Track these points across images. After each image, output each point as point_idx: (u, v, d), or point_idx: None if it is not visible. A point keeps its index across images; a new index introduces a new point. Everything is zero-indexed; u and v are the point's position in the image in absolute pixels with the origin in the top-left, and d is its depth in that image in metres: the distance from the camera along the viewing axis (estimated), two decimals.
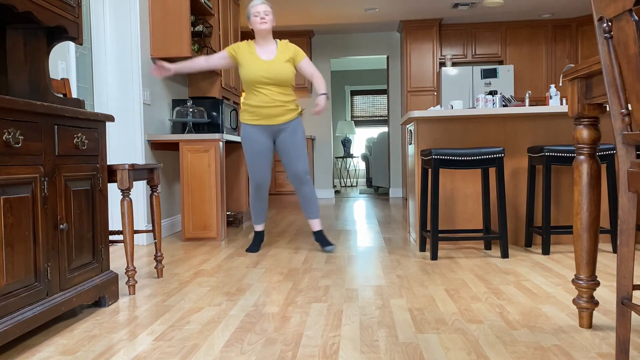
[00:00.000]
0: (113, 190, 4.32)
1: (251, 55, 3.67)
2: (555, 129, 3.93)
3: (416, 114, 3.85)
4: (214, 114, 5.07)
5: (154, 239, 3.05)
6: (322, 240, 3.88)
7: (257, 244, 3.96)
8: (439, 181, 3.78)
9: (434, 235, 3.45)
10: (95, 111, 3.06)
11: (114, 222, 4.33)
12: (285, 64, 3.65)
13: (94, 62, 4.27)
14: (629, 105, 1.53)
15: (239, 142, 5.60)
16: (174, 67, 3.68)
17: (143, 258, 3.75)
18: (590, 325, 2.06)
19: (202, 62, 3.74)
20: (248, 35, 8.38)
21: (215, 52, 5.36)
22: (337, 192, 10.33)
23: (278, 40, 3.78)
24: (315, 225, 3.89)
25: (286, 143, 3.75)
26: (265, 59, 3.65)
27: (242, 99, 3.78)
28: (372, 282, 2.90)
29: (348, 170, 12.09)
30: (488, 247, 3.75)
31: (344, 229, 5.09)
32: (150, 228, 4.41)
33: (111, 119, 2.55)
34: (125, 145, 4.33)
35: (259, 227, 4.01)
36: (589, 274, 2.03)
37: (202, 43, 5.45)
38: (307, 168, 3.78)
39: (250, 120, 3.73)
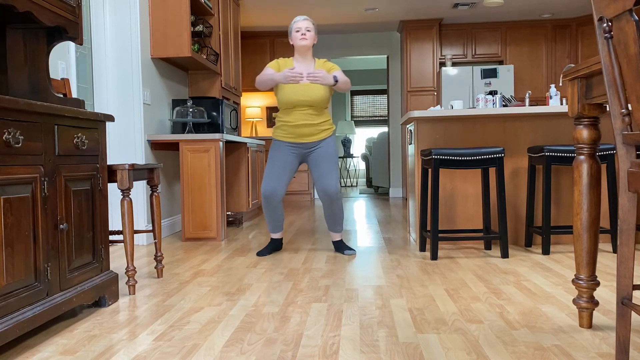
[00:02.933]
0: (113, 190, 4.32)
1: None
2: (555, 129, 3.93)
3: (416, 114, 3.85)
4: (214, 114, 5.07)
5: (154, 239, 3.05)
6: (343, 246, 3.82)
7: (267, 249, 3.85)
8: (439, 181, 3.78)
9: (434, 235, 3.45)
10: (95, 111, 3.06)
11: (114, 222, 4.33)
12: (322, 86, 3.59)
13: (94, 62, 4.27)
14: (629, 105, 1.53)
15: (239, 142, 5.60)
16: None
17: (143, 258, 3.75)
18: (590, 325, 2.06)
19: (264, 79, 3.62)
20: (248, 35, 8.38)
21: (215, 51, 5.36)
22: None
23: (316, 59, 3.72)
24: (336, 237, 3.85)
25: (317, 157, 3.69)
26: (303, 81, 3.59)
27: (276, 116, 3.77)
28: (372, 282, 2.90)
29: (348, 170, 12.10)
30: (488, 247, 3.75)
31: (344, 229, 5.09)
32: (150, 228, 4.41)
33: (111, 119, 2.55)
34: (125, 145, 4.33)
35: (274, 235, 3.91)
36: (589, 274, 2.03)
37: (202, 43, 5.45)
38: (338, 185, 3.68)
39: (282, 137, 3.69)
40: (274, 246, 3.90)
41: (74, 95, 3.67)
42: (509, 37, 7.97)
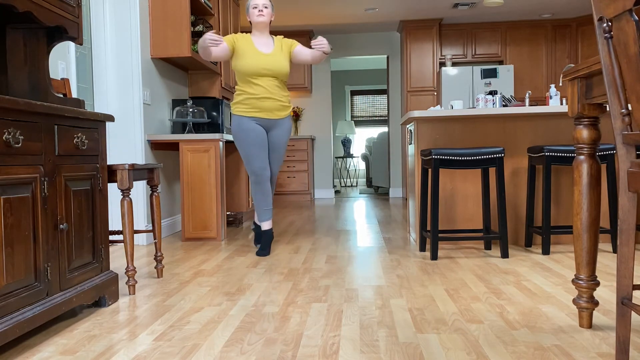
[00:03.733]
0: (113, 190, 4.32)
1: (250, 47, 3.63)
2: (555, 129, 3.93)
3: (416, 114, 3.85)
4: (214, 114, 5.07)
5: (154, 239, 3.05)
6: (266, 242, 3.74)
7: (265, 245, 3.74)
8: (439, 181, 3.78)
9: (434, 235, 3.45)
10: (95, 111, 3.06)
11: (114, 222, 4.33)
12: (283, 57, 3.66)
13: (94, 62, 4.27)
14: (629, 105, 1.53)
15: None
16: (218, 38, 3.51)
17: (143, 258, 3.75)
18: (590, 325, 2.06)
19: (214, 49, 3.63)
20: None
21: None
22: (337, 192, 10.33)
23: (274, 36, 3.77)
24: (266, 224, 3.80)
25: (275, 142, 3.78)
26: (265, 52, 3.64)
27: (237, 88, 3.71)
28: (372, 282, 2.90)
29: (348, 170, 12.10)
30: (488, 247, 3.75)
31: (344, 229, 5.09)
32: (150, 228, 4.41)
33: (111, 119, 2.55)
34: (125, 145, 4.33)
35: (265, 225, 3.78)
36: (589, 274, 2.03)
37: None
38: (278, 170, 3.89)
39: (245, 112, 3.66)
40: (269, 238, 3.78)
41: (74, 95, 3.67)
42: (509, 37, 7.97)
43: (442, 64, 8.11)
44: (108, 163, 4.17)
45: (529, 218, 3.79)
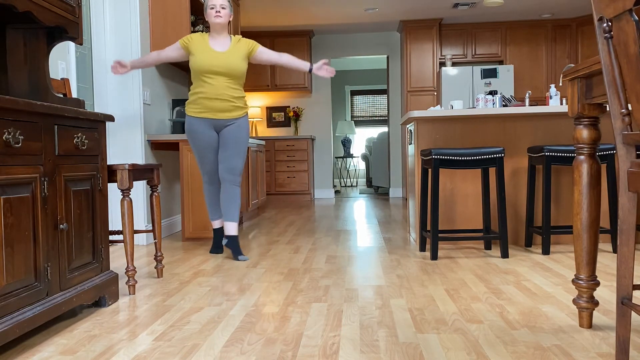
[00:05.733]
0: (113, 190, 4.32)
1: (204, 46, 3.57)
2: (555, 129, 3.93)
3: (416, 114, 3.85)
4: None
5: (154, 239, 3.05)
6: (235, 247, 3.63)
7: (217, 244, 3.83)
8: (439, 181, 3.78)
9: (434, 235, 3.45)
10: (95, 111, 3.06)
11: (114, 222, 4.33)
12: (237, 56, 3.58)
13: (94, 62, 4.27)
14: (629, 105, 1.53)
15: None
16: (130, 63, 3.63)
17: (143, 258, 3.75)
18: (590, 325, 2.06)
19: (154, 56, 3.65)
20: (248, 35, 8.38)
21: None
22: (337, 192, 10.33)
23: (232, 35, 3.69)
24: (232, 229, 3.66)
25: (229, 137, 3.64)
26: (218, 50, 3.57)
27: (191, 89, 3.67)
28: (372, 282, 2.90)
29: (348, 170, 12.10)
30: (488, 247, 3.75)
31: (344, 229, 5.09)
32: (150, 228, 4.41)
33: (111, 119, 2.55)
34: (125, 145, 4.33)
35: (216, 224, 3.87)
36: (589, 274, 2.03)
37: None
38: (241, 168, 3.68)
39: (195, 113, 3.61)
40: (220, 237, 3.87)
41: (74, 95, 3.67)
42: (509, 37, 7.97)
43: (442, 64, 8.11)
44: (108, 163, 4.17)
45: (529, 218, 3.79)
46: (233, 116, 3.62)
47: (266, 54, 3.69)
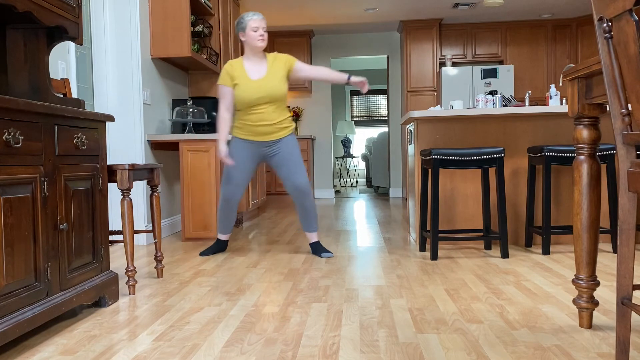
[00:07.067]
0: (113, 190, 4.32)
1: (242, 74, 3.52)
2: (555, 129, 3.93)
3: (416, 114, 3.85)
4: (214, 114, 5.07)
5: (154, 239, 3.05)
6: (320, 248, 3.71)
7: (211, 249, 3.82)
8: (439, 181, 3.78)
9: (434, 235, 3.45)
10: (95, 111, 3.06)
11: (114, 222, 4.33)
12: (277, 80, 3.52)
13: (94, 62, 4.27)
14: (629, 105, 1.53)
15: None
16: (226, 140, 3.57)
17: (143, 258, 3.75)
18: (590, 325, 2.06)
19: (227, 116, 3.58)
20: None
21: (215, 52, 5.36)
22: (337, 192, 10.33)
23: (266, 53, 3.63)
24: (312, 237, 3.75)
25: (282, 156, 3.60)
26: (255, 79, 3.52)
27: (237, 114, 3.66)
28: (372, 282, 2.90)
29: (348, 170, 12.10)
30: (488, 247, 3.75)
31: (344, 229, 5.09)
32: (150, 228, 4.41)
33: (111, 119, 2.55)
34: (125, 145, 4.33)
35: (223, 237, 3.87)
36: (589, 274, 2.03)
37: (202, 43, 5.45)
38: (307, 179, 3.63)
39: (241, 135, 3.61)
40: (219, 247, 3.86)
41: (74, 95, 3.67)
42: (509, 37, 7.97)
43: (442, 64, 8.11)
44: (108, 163, 4.17)
45: (529, 218, 3.79)
46: (279, 136, 3.61)
47: (304, 71, 3.62)
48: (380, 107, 12.82)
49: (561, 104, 5.04)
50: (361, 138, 13.07)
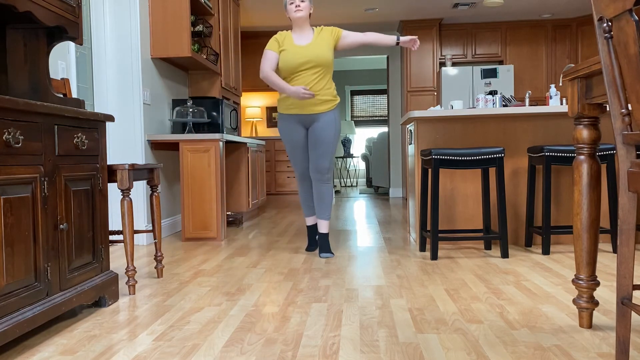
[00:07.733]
0: (113, 190, 4.32)
1: (290, 42, 3.58)
2: (555, 129, 3.93)
3: (416, 114, 3.85)
4: (214, 114, 5.07)
5: (154, 239, 3.05)
6: (322, 244, 3.71)
7: (311, 240, 3.89)
8: (439, 181, 3.78)
9: (434, 235, 3.45)
10: (95, 111, 3.06)
11: (114, 222, 4.33)
12: (323, 46, 3.56)
13: (94, 62, 4.27)
14: (629, 105, 1.53)
15: (239, 142, 5.60)
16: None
17: (143, 258, 3.75)
18: (590, 325, 2.06)
19: (274, 74, 3.56)
20: (248, 35, 8.38)
21: (215, 51, 5.36)
22: (337, 192, 10.33)
23: (314, 27, 3.69)
24: (323, 227, 3.74)
25: (317, 136, 3.63)
26: (302, 44, 3.57)
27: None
28: (372, 282, 2.90)
29: (348, 170, 12.09)
30: (488, 247, 3.75)
31: (344, 229, 5.09)
32: (150, 228, 4.41)
33: (111, 119, 2.55)
34: (125, 145, 4.33)
35: (309, 221, 3.93)
36: (589, 274, 2.03)
37: (202, 43, 5.45)
38: (331, 166, 3.68)
39: (285, 109, 3.64)
40: (312, 234, 3.94)
41: (74, 95, 3.67)
42: (509, 37, 7.97)
43: (442, 64, 8.11)
44: (108, 163, 4.17)
45: (529, 218, 3.79)
46: (320, 110, 3.60)
47: (351, 37, 3.66)
48: (380, 107, 12.82)
49: (561, 104, 5.04)
50: (361, 138, 13.07)
